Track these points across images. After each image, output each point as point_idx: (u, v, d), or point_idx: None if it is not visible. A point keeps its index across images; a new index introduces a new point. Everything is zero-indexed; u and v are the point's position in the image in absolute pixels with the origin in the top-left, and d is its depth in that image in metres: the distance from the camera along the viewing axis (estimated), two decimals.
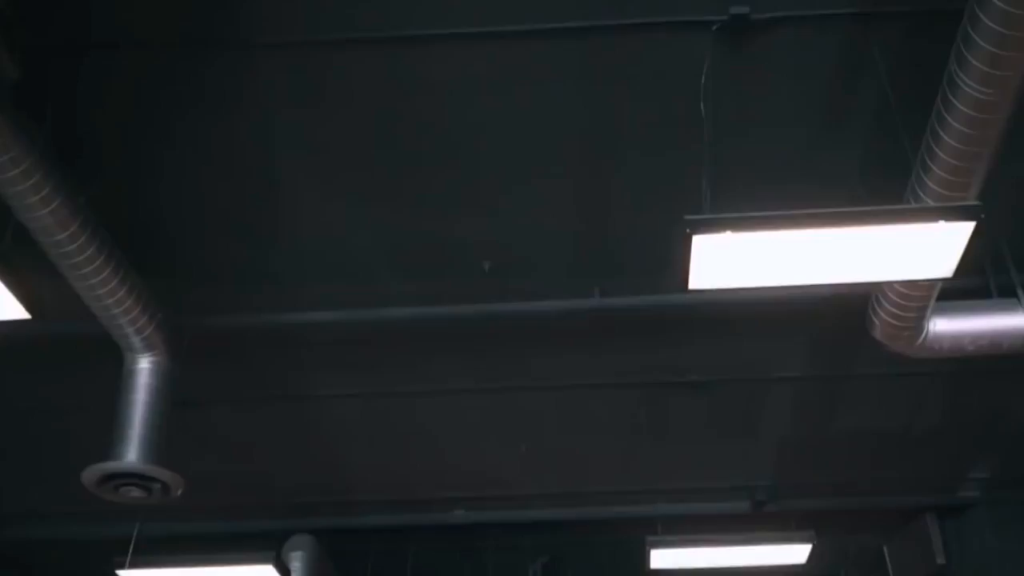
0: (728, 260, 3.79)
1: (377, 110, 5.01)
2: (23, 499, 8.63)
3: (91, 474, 5.54)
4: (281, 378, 7.13)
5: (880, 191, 5.38)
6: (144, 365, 5.89)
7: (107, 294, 5.32)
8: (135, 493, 5.67)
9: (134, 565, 7.00)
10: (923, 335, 5.38)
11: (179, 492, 5.74)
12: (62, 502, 8.35)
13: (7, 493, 8.45)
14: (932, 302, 5.08)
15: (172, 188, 5.45)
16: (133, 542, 6.10)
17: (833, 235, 3.70)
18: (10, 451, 7.74)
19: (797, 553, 7.97)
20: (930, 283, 4.76)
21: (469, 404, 7.64)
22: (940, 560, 9.49)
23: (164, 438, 5.79)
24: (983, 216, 3.54)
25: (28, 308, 4.40)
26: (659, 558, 7.77)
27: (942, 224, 3.60)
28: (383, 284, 6.26)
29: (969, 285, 5.91)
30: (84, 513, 8.14)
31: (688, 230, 3.63)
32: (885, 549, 10.27)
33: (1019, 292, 5.65)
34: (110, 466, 5.52)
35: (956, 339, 5.48)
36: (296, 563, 8.48)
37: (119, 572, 7.33)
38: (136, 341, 5.77)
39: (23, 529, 8.93)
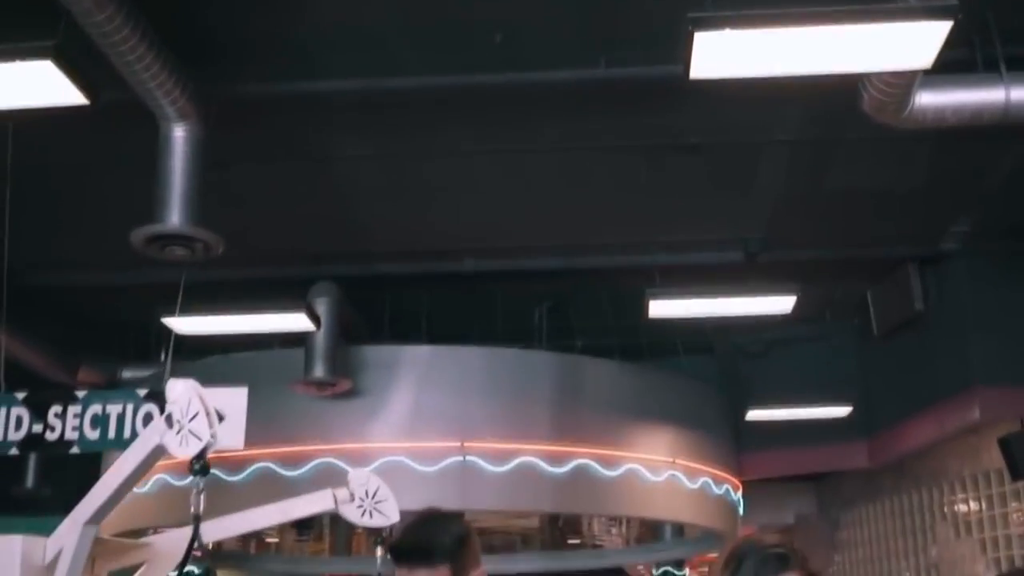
0: (727, 53, 4.17)
1: None
2: (60, 249, 9.24)
3: (139, 235, 6.08)
4: (303, 141, 7.58)
5: None
6: (179, 133, 6.31)
7: (143, 69, 5.66)
8: (179, 252, 6.21)
9: (173, 313, 7.65)
10: (908, 108, 5.75)
11: (219, 251, 6.29)
12: (103, 253, 8.98)
13: (47, 244, 9.02)
14: (917, 81, 5.44)
15: None
16: (181, 291, 6.69)
17: (823, 31, 4.07)
18: (51, 207, 8.25)
19: (784, 303, 8.64)
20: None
21: (479, 165, 8.12)
22: (918, 306, 10.24)
23: (202, 201, 6.28)
24: (960, 16, 3.88)
25: (87, 95, 4.78)
26: (657, 307, 8.44)
27: (922, 22, 3.96)
28: (401, 54, 6.59)
29: (956, 58, 6.23)
30: (126, 262, 8.73)
31: (691, 27, 3.99)
32: (868, 295, 10.98)
33: (1002, 66, 5.98)
34: (156, 228, 6.04)
35: (939, 112, 5.86)
36: (321, 308, 9.17)
37: (164, 319, 8.02)
38: (171, 111, 6.16)
39: (64, 276, 9.60)
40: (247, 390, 5.51)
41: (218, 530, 4.49)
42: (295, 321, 8.53)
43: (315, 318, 8.53)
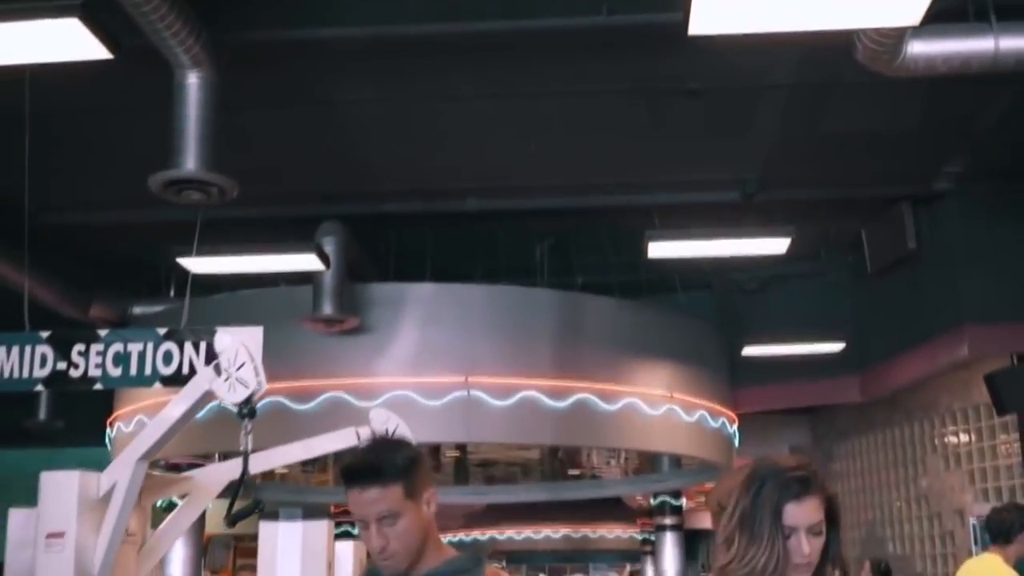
0: (725, 10, 4.36)
1: None
2: (71, 190, 9.43)
3: (156, 180, 6.29)
4: (312, 86, 7.77)
5: None
6: (193, 80, 6.49)
7: (158, 19, 5.83)
8: (195, 196, 6.43)
9: (188, 253, 7.88)
10: (900, 58, 5.94)
11: (234, 194, 6.51)
12: (114, 193, 9.19)
13: (58, 185, 9.20)
14: (908, 32, 5.62)
15: None
16: (197, 234, 6.91)
17: None
18: (69, 149, 8.44)
19: (778, 244, 8.86)
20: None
21: (482, 109, 8.30)
22: (911, 245, 10.45)
23: (216, 146, 6.48)
24: None
25: (111, 50, 4.97)
26: (656, 249, 8.67)
27: None
28: (408, 1, 6.77)
29: (947, 6, 6.39)
30: (136, 202, 8.92)
31: None
32: (863, 233, 11.18)
33: (992, 16, 6.15)
34: (172, 173, 6.25)
35: (929, 61, 6.05)
36: (328, 247, 9.39)
37: (180, 259, 8.26)
38: (185, 59, 6.34)
39: (75, 215, 9.81)
40: (262, 330, 5.75)
41: (225, 471, 4.71)
42: (305, 261, 8.77)
43: (324, 258, 8.76)
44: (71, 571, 3.46)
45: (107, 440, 11.97)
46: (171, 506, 7.33)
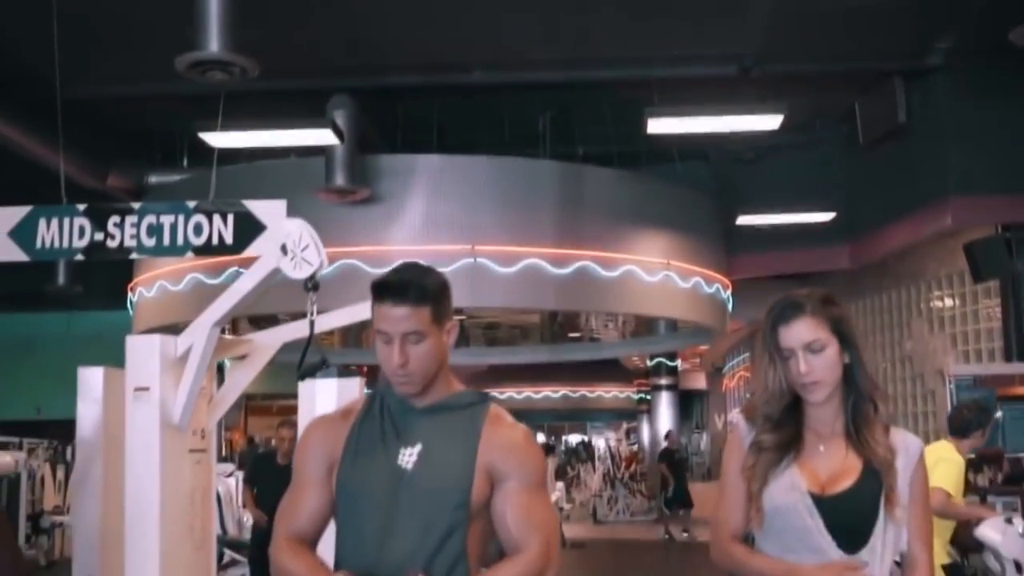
0: None
1: None
2: (96, 64, 9.70)
3: (182, 61, 6.63)
4: None
5: None
6: None
7: None
8: (218, 76, 6.77)
9: (209, 128, 8.23)
10: None
11: (255, 74, 6.84)
12: (131, 67, 9.48)
13: (80, 59, 9.48)
14: None
15: None
16: (221, 111, 7.25)
17: None
18: (89, 24, 8.69)
19: (772, 121, 9.20)
20: None
21: None
22: (901, 118, 10.78)
23: (237, 30, 6.79)
24: None
25: None
26: (655, 125, 9.03)
27: None
28: None
29: None
30: (153, 74, 9.21)
31: None
32: (856, 106, 11.49)
33: None
34: (197, 55, 6.59)
35: None
36: (339, 119, 9.73)
37: (202, 134, 8.63)
38: None
39: (92, 88, 10.09)
40: (286, 203, 6.19)
41: (283, 334, 5.16)
42: (320, 136, 9.13)
43: (339, 133, 9.12)
44: (157, 418, 4.03)
45: (129, 304, 12.51)
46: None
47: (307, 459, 2.30)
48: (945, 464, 4.85)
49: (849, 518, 2.21)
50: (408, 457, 2.20)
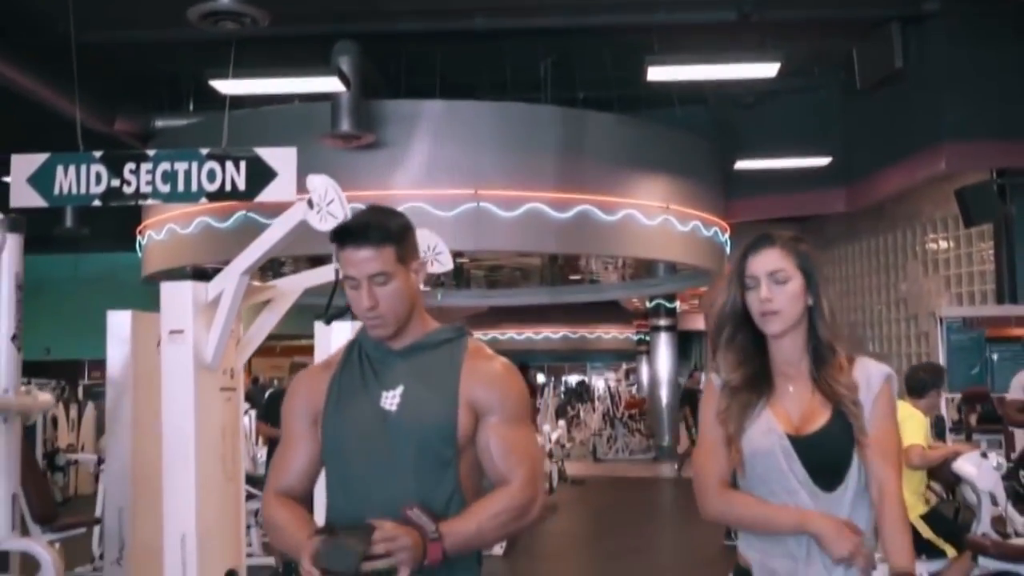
0: None
1: None
2: (104, 8, 9.82)
3: (194, 12, 6.81)
4: None
5: None
6: None
7: None
8: (230, 26, 6.95)
9: (220, 76, 8.40)
10: None
11: (265, 23, 7.02)
12: (140, 12, 9.62)
13: (90, 4, 9.62)
14: None
15: None
16: (232, 60, 7.43)
17: None
18: None
19: (769, 69, 9.36)
20: None
21: None
22: (898, 63, 10.95)
23: None
24: None
25: None
26: (655, 72, 9.19)
27: None
28: None
29: None
30: (161, 21, 9.33)
31: None
32: (854, 51, 11.64)
33: None
34: (209, 5, 6.76)
35: None
36: (344, 66, 9.88)
37: (212, 82, 8.79)
38: None
39: (102, 33, 10.23)
40: (296, 150, 6.41)
41: (305, 280, 5.38)
42: (327, 83, 9.30)
43: (345, 80, 9.28)
44: (190, 359, 4.31)
45: (138, 247, 12.74)
46: None
47: (292, 414, 2.32)
48: (912, 421, 5.10)
49: (824, 458, 2.24)
50: (391, 399, 2.22)
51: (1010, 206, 11.45)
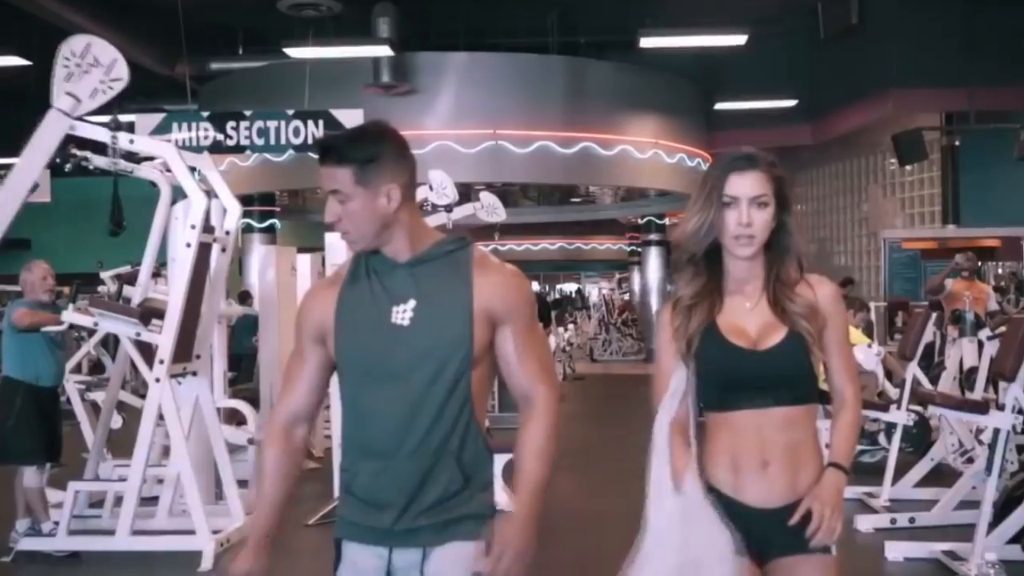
0: None
1: None
2: None
3: (284, 3, 8.56)
4: None
5: None
6: None
7: None
8: (311, 13, 8.69)
9: (294, 46, 10.11)
10: None
11: (338, 9, 8.73)
12: None
13: None
14: None
15: None
16: (310, 35, 9.07)
17: None
18: None
19: (739, 39, 11.06)
20: None
21: None
22: (854, 19, 12.68)
23: None
24: None
25: None
26: (647, 42, 11.03)
27: None
28: None
29: None
30: None
31: None
32: (819, 6, 13.33)
33: None
34: None
35: None
36: (383, 24, 11.46)
37: (286, 50, 10.54)
38: None
39: None
40: (362, 112, 8.27)
41: None
42: (379, 50, 11.11)
43: (394, 47, 11.01)
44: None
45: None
46: None
47: (301, 329, 2.28)
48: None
49: (783, 371, 2.23)
50: (403, 314, 2.17)
51: (955, 140, 13.27)
